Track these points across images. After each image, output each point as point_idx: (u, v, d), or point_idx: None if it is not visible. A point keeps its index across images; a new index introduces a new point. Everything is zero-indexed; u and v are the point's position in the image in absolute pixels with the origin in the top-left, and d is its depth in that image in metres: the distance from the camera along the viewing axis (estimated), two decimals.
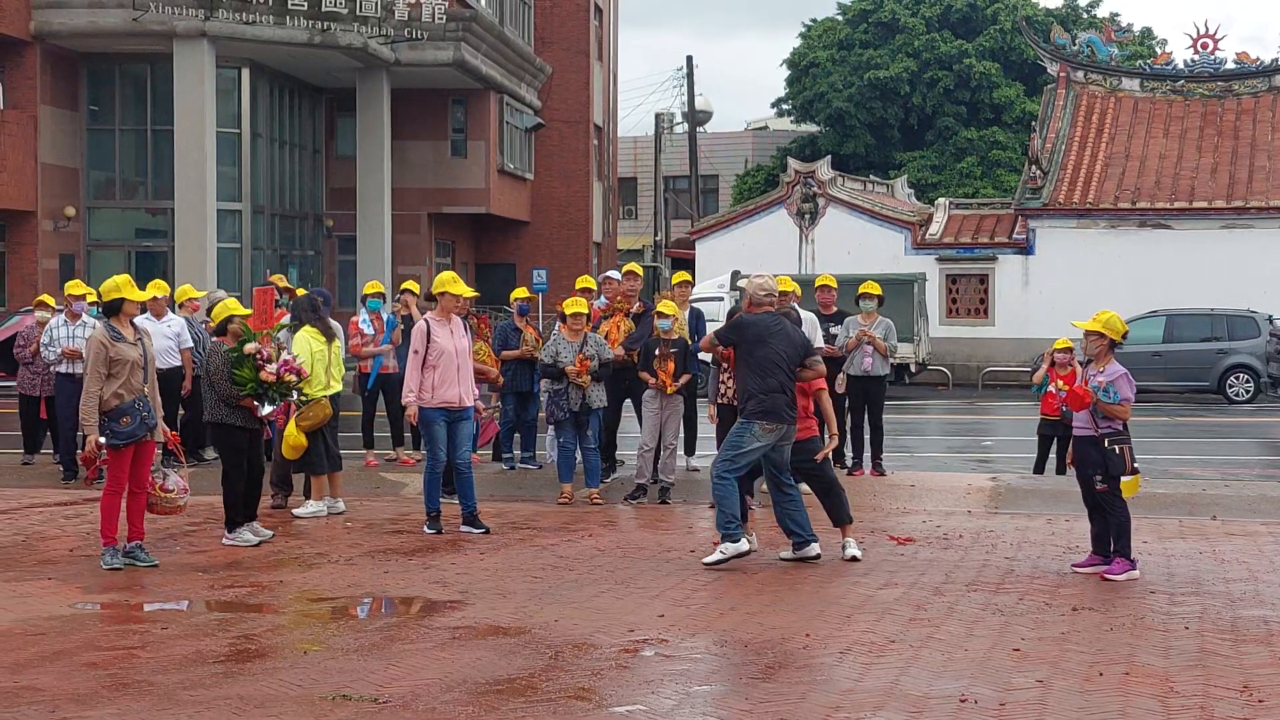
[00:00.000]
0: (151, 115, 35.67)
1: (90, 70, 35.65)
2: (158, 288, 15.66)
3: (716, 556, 10.47)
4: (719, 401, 12.87)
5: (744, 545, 10.52)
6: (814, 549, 10.67)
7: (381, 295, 16.51)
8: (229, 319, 11.54)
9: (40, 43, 33.57)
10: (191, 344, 15.70)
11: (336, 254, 40.88)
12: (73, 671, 7.50)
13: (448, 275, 12.49)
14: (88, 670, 7.53)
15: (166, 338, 15.21)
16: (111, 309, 10.67)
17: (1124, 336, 10.49)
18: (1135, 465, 10.27)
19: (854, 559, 10.74)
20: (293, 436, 12.54)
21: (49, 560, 10.87)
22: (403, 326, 15.71)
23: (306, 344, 12.83)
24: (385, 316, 16.22)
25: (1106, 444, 10.21)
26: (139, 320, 11.29)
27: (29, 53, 33.52)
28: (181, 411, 15.86)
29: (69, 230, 35.09)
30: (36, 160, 33.82)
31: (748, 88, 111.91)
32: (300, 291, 15.06)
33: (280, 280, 17.94)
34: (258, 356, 11.28)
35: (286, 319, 13.88)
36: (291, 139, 39.06)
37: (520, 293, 16.27)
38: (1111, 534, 10.28)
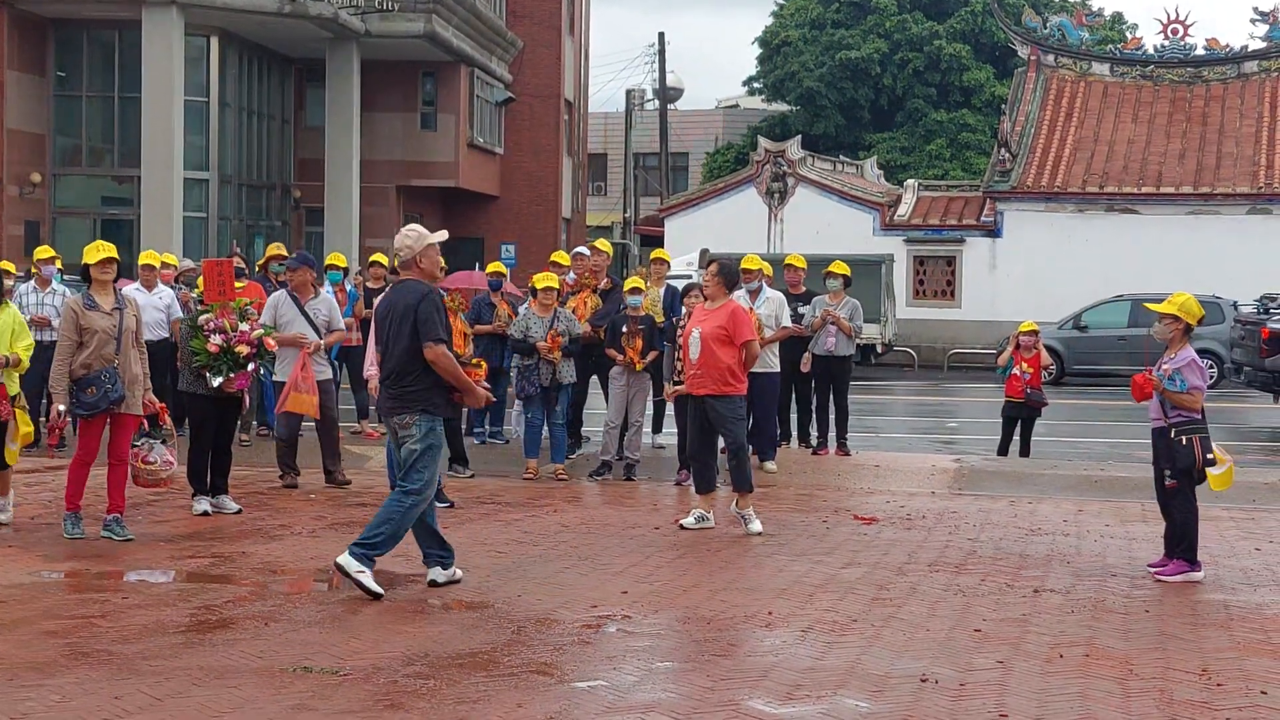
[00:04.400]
0: (119, 82, 35.29)
1: (58, 35, 35.25)
2: (150, 258, 15.33)
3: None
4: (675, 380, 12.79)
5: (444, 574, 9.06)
6: (434, 573, 8.98)
7: (344, 269, 16.38)
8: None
9: (8, 7, 33.15)
10: (181, 316, 15.43)
11: (304, 225, 40.62)
12: (32, 640, 7.45)
13: None
14: (47, 639, 7.48)
15: (157, 309, 14.62)
16: (85, 276, 10.60)
17: (1200, 321, 10.01)
18: (1210, 456, 9.68)
19: (756, 533, 10.93)
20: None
21: (11, 527, 10.79)
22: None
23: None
24: (348, 289, 16.12)
25: (1174, 434, 9.71)
26: (129, 291, 11.08)
27: None
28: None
29: (34, 197, 34.74)
30: (2, 125, 33.43)
31: (719, 66, 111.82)
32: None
33: (277, 248, 17.62)
34: (205, 328, 11.24)
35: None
36: (260, 109, 38.74)
37: (495, 267, 16.21)
38: (1174, 533, 9.74)
